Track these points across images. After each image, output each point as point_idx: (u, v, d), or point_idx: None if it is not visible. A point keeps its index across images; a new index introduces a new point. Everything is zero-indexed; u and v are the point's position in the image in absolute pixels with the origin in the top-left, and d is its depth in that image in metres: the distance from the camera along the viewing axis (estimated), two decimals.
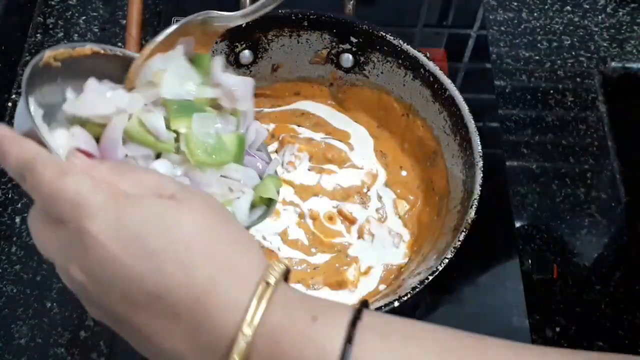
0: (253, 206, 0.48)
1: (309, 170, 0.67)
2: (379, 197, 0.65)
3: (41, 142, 0.36)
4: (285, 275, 0.36)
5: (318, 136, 0.68)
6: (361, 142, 0.69)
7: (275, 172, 0.51)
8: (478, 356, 0.33)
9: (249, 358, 0.32)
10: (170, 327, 0.33)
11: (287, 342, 0.32)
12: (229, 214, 0.37)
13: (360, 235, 0.63)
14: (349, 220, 0.64)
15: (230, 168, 0.47)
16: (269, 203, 0.49)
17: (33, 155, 0.35)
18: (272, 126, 0.69)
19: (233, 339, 0.32)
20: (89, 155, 0.37)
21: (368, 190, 0.66)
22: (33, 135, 0.37)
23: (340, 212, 0.64)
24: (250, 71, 0.68)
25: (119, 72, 0.45)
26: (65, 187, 0.33)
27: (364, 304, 0.34)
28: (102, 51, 0.44)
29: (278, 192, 0.49)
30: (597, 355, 0.34)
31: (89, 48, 0.44)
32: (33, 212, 0.37)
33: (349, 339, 0.32)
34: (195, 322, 0.33)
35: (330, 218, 0.64)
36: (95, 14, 0.87)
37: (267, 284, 0.33)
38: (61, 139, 0.39)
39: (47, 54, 0.41)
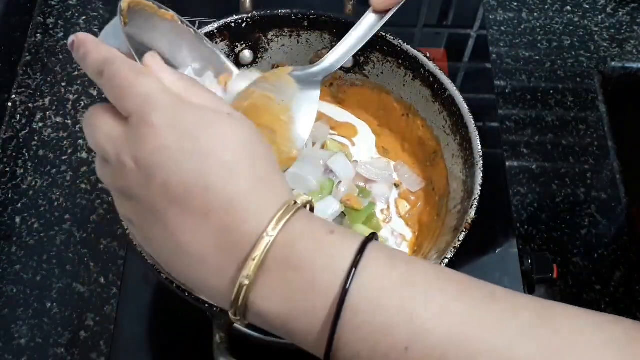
0: None
1: None
2: (385, 198, 0.65)
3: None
4: (310, 208, 0.39)
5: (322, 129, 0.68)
6: (363, 138, 0.69)
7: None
8: (477, 287, 0.35)
9: (265, 259, 0.35)
10: (198, 224, 0.35)
11: (302, 247, 0.35)
12: (270, 146, 0.41)
13: None
14: None
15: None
16: None
17: (114, 54, 0.39)
18: None
19: (256, 242, 0.35)
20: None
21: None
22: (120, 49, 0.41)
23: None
24: (250, 71, 0.67)
25: (185, 45, 0.52)
26: (139, 82, 0.37)
27: (374, 235, 0.37)
28: (179, 22, 0.50)
29: None
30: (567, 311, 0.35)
31: (170, 14, 0.50)
32: (95, 106, 0.40)
33: (361, 251, 0.34)
34: (225, 223, 0.35)
35: None
36: (95, 14, 0.87)
37: (295, 202, 0.36)
38: None
39: None
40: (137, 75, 0.37)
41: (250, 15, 0.63)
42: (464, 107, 0.59)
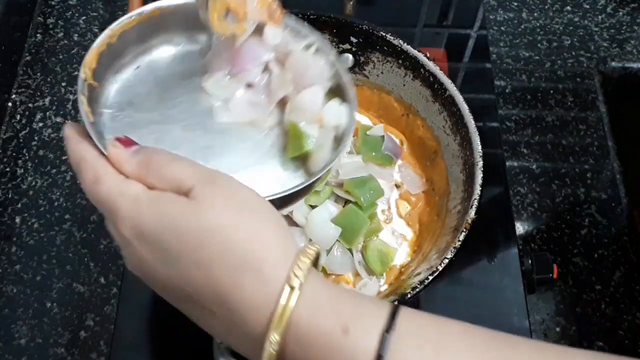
0: None
1: None
2: (386, 198, 0.65)
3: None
4: (314, 262, 0.36)
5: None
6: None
7: None
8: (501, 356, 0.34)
9: (283, 353, 0.34)
10: (209, 318, 0.36)
11: (318, 349, 0.34)
12: (253, 201, 0.37)
13: None
14: None
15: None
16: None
17: (79, 159, 0.39)
18: None
19: (264, 336, 0.34)
20: (128, 142, 0.39)
21: None
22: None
23: None
24: None
25: (183, 22, 0.49)
26: (98, 193, 0.37)
27: (396, 308, 0.35)
28: (165, 7, 0.47)
29: None
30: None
31: (152, 9, 0.47)
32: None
33: (381, 351, 0.33)
34: (228, 318, 0.35)
35: None
36: (95, 14, 0.87)
37: (292, 288, 0.34)
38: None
39: (103, 38, 0.44)
40: (96, 183, 0.37)
41: None
42: (464, 107, 0.59)
